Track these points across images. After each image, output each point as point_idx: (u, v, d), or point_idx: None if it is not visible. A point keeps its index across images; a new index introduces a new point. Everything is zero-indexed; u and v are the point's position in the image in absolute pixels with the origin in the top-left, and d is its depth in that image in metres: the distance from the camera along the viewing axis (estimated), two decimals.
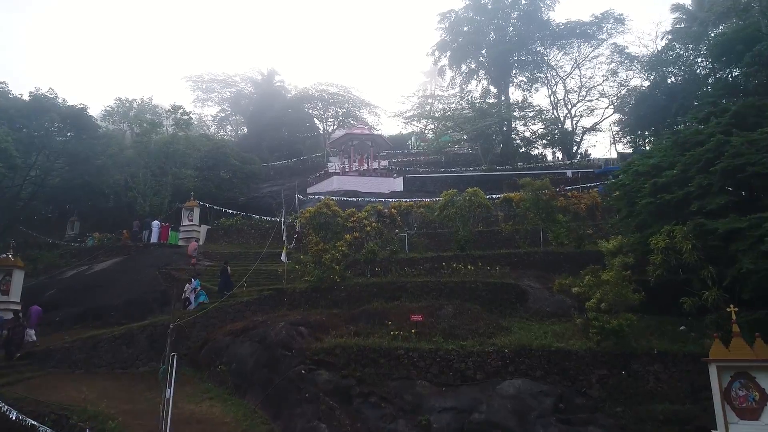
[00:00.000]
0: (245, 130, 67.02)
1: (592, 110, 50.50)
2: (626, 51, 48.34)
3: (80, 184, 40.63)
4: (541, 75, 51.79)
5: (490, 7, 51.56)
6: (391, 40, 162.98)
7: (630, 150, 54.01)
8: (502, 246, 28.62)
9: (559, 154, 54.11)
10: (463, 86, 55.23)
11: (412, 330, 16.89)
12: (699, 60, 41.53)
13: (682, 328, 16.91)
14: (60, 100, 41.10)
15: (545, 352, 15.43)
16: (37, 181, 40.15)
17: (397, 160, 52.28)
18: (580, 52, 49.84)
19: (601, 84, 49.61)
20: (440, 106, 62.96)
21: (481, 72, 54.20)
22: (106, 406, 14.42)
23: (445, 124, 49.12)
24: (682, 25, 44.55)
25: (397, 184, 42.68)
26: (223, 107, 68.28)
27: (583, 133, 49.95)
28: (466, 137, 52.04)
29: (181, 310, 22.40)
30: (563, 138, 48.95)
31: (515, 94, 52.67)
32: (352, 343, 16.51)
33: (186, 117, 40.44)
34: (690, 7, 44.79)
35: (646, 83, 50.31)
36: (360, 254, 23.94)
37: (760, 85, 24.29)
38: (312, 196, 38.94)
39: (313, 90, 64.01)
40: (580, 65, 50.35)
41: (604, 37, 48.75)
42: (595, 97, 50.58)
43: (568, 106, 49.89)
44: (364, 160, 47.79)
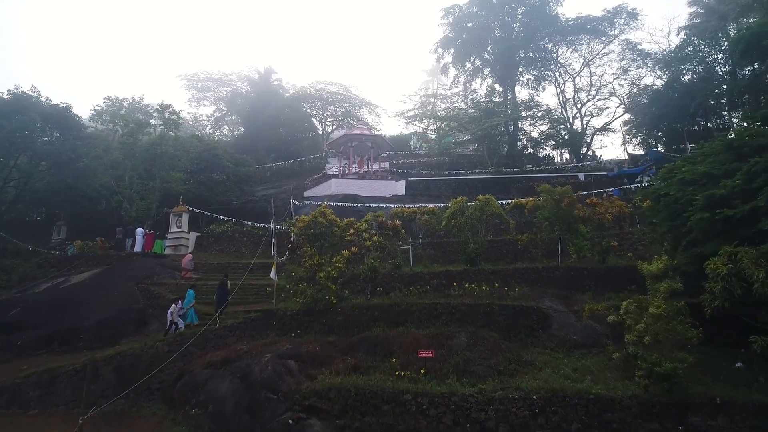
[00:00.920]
0: (242, 130, 64.19)
1: (602, 110, 47.69)
2: (639, 47, 45.44)
3: (63, 187, 37.94)
4: (549, 73, 48.89)
5: (496, 1, 48.65)
6: (392, 38, 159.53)
7: (641, 151, 51.36)
8: (515, 258, 25.90)
9: (567, 156, 51.35)
10: (467, 85, 52.42)
11: (421, 370, 14.08)
12: (719, 56, 38.73)
13: (739, 365, 14.16)
14: (43, 99, 38.55)
15: (582, 400, 12.64)
16: (20, 184, 37.46)
17: (398, 162, 49.43)
18: (591, 49, 47.00)
19: (611, 83, 46.76)
20: (443, 106, 60.20)
21: (486, 70, 51.33)
22: None
23: (449, 124, 46.24)
24: (699, 20, 41.75)
25: (399, 188, 39.88)
26: (219, 107, 65.48)
27: (594, 134, 47.10)
28: (470, 138, 49.23)
29: (165, 335, 19.63)
30: (572, 139, 46.09)
31: (521, 93, 49.84)
32: (349, 384, 13.74)
33: (175, 117, 37.60)
34: (707, 1, 41.93)
35: (659, 81, 47.75)
36: (359, 268, 21.16)
37: None
38: (308, 202, 36.08)
39: (312, 89, 61.21)
40: (590, 63, 47.47)
41: (615, 33, 45.90)
42: (605, 96, 47.73)
43: (578, 105, 47.06)
44: (364, 162, 44.96)
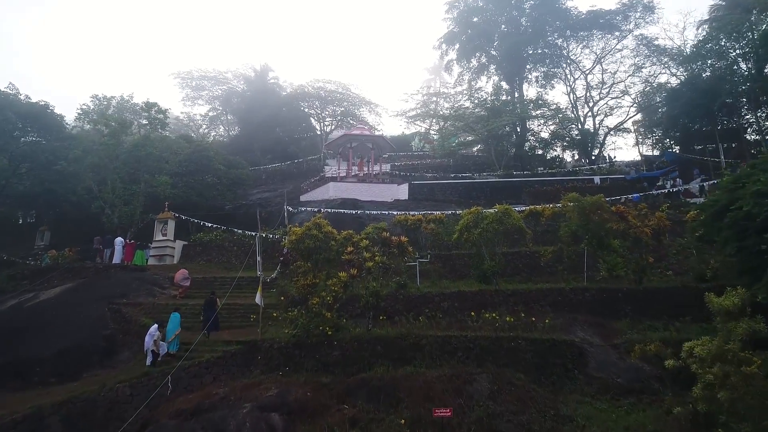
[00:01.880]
0: (238, 130, 61.10)
1: (612, 109, 44.62)
2: (655, 43, 42.36)
3: (43, 191, 34.95)
4: (558, 70, 45.81)
5: None
6: (393, 35, 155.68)
7: (655, 152, 48.32)
8: (532, 273, 22.91)
9: (575, 157, 48.30)
10: (472, 83, 49.31)
11: None
12: (742, 52, 35.67)
13: None
14: (22, 97, 35.51)
15: None
16: None
17: (400, 164, 46.38)
18: (605, 45, 43.86)
19: (624, 80, 43.67)
20: (446, 105, 57.16)
21: (492, 67, 48.25)
22: None
23: (454, 123, 43.14)
24: (721, 13, 38.69)
25: (402, 192, 36.84)
26: (214, 106, 62.30)
27: (606, 134, 44.00)
28: (476, 138, 46.19)
29: (152, 366, 16.43)
30: (584, 139, 43.03)
31: (529, 92, 46.77)
32: None
33: (161, 116, 34.50)
34: None
35: (674, 79, 44.79)
36: (358, 288, 18.12)
37: None
38: (303, 209, 33.00)
39: (310, 87, 58.04)
40: (602, 60, 44.37)
41: (630, 27, 42.79)
42: (617, 95, 44.64)
43: (590, 104, 43.96)
44: (364, 164, 41.92)
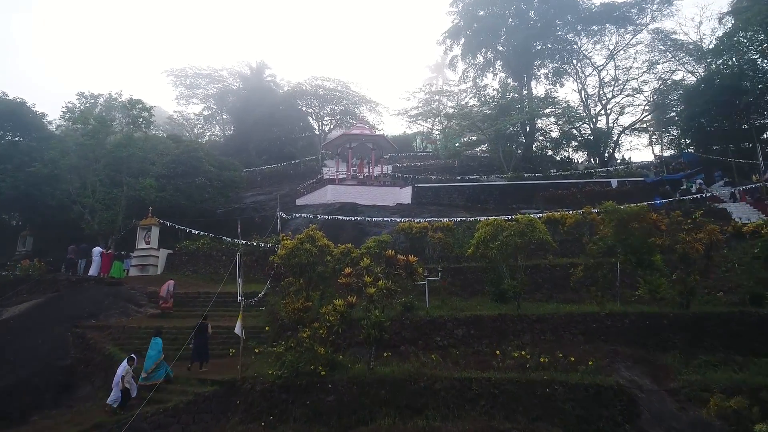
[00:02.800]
0: (233, 130, 58.21)
1: (623, 108, 41.76)
2: (672, 37, 39.51)
3: (19, 195, 32.02)
4: (569, 66, 42.95)
5: None
6: (393, 32, 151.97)
7: (671, 153, 45.48)
8: (555, 288, 20.13)
9: (582, 158, 45.51)
10: (477, 80, 46.54)
11: None
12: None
13: None
14: None
15: None
16: None
17: (402, 165, 43.50)
18: (619, 40, 41.06)
19: (640, 77, 40.82)
20: (450, 104, 54.35)
21: (498, 63, 45.44)
22: None
23: (459, 123, 40.23)
24: (745, 4, 35.87)
25: (405, 195, 33.97)
26: (209, 104, 59.37)
27: (620, 134, 41.15)
28: (479, 138, 43.37)
29: (120, 410, 13.47)
30: (596, 139, 40.16)
31: (538, 89, 43.95)
32: None
33: (146, 114, 31.58)
34: None
35: (689, 76, 42.03)
36: (358, 311, 15.26)
37: None
38: (297, 215, 30.15)
39: (308, 85, 55.24)
40: (615, 55, 41.51)
41: (646, 21, 39.94)
42: (631, 93, 41.82)
43: (602, 102, 41.08)
44: (364, 166, 39.03)
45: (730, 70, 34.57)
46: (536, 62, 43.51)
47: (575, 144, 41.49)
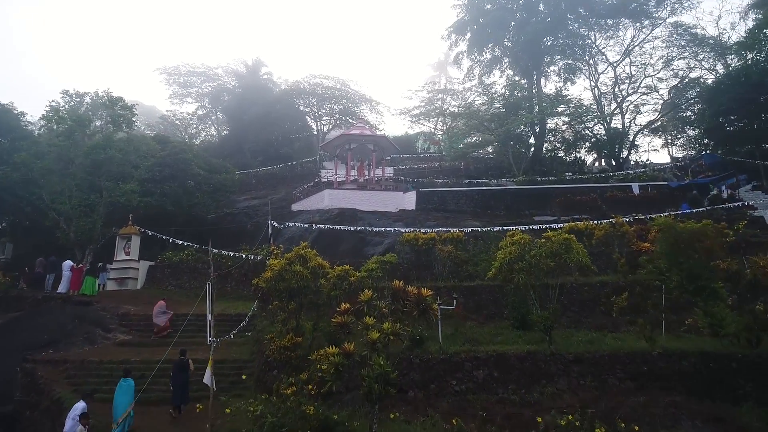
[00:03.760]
0: (228, 131, 55.27)
1: (637, 107, 38.93)
2: (692, 31, 36.60)
3: None
4: (581, 63, 40.03)
5: None
6: (394, 29, 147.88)
7: (688, 153, 42.59)
8: (584, 311, 17.42)
9: (596, 160, 42.61)
10: (483, 77, 43.59)
11: None
12: None
13: None
14: None
15: None
16: None
17: (404, 168, 40.62)
18: (635, 35, 38.16)
19: (657, 74, 37.91)
20: (454, 103, 51.31)
21: (506, 60, 42.53)
22: None
23: (467, 122, 37.23)
24: None
25: (408, 201, 31.09)
26: (203, 104, 56.41)
27: (636, 134, 38.23)
28: (484, 139, 40.48)
29: None
30: (611, 140, 37.24)
31: (548, 87, 41.00)
32: None
33: (127, 113, 28.66)
34: None
35: (707, 74, 39.13)
36: (362, 351, 12.37)
37: None
38: (291, 224, 27.24)
39: (306, 83, 52.26)
40: (631, 51, 38.62)
41: (664, 14, 37.02)
42: (646, 91, 38.97)
43: (618, 100, 38.18)
44: (365, 168, 36.13)
45: (758, 66, 31.62)
46: (546, 58, 40.58)
47: (588, 145, 38.49)
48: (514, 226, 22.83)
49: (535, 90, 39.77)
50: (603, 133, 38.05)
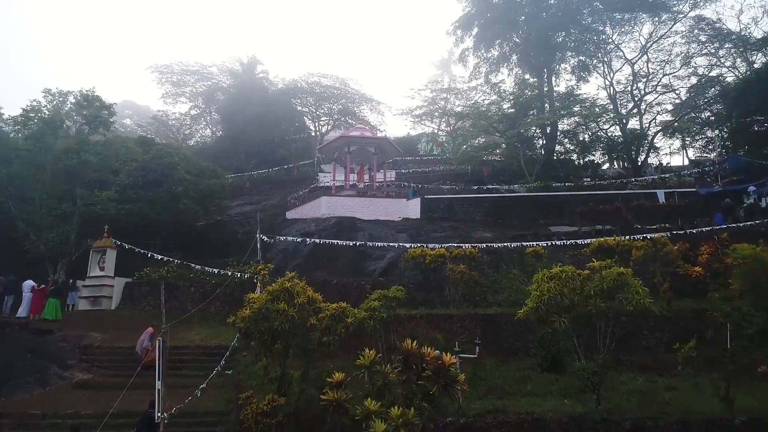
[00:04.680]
0: (222, 132, 52.31)
1: (652, 106, 36.08)
2: (716, 26, 33.71)
3: None
4: (596, 60, 37.11)
5: None
6: (394, 26, 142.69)
7: (708, 155, 39.73)
8: (620, 348, 14.35)
9: (612, 164, 39.72)
10: (490, 76, 40.64)
11: None
12: None
13: None
14: None
15: None
16: None
17: (407, 171, 37.69)
18: (654, 30, 35.28)
19: (677, 71, 35.06)
20: (458, 102, 48.46)
21: (514, 57, 39.58)
22: None
23: (475, 123, 34.21)
24: None
25: (412, 209, 28.21)
26: (197, 103, 53.48)
27: (654, 136, 35.31)
28: (489, 140, 37.60)
29: None
30: (628, 142, 34.33)
31: (559, 86, 38.11)
32: None
33: (105, 113, 25.75)
34: None
35: (726, 71, 36.27)
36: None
37: None
38: (281, 238, 24.31)
39: (303, 82, 49.44)
40: (648, 48, 35.73)
41: (684, 8, 34.10)
42: (664, 90, 36.15)
43: (635, 99, 35.28)
44: (365, 172, 33.23)
45: None
46: (557, 55, 37.65)
47: (604, 147, 35.49)
48: (534, 242, 19.95)
49: (546, 89, 36.87)
50: (619, 134, 35.17)
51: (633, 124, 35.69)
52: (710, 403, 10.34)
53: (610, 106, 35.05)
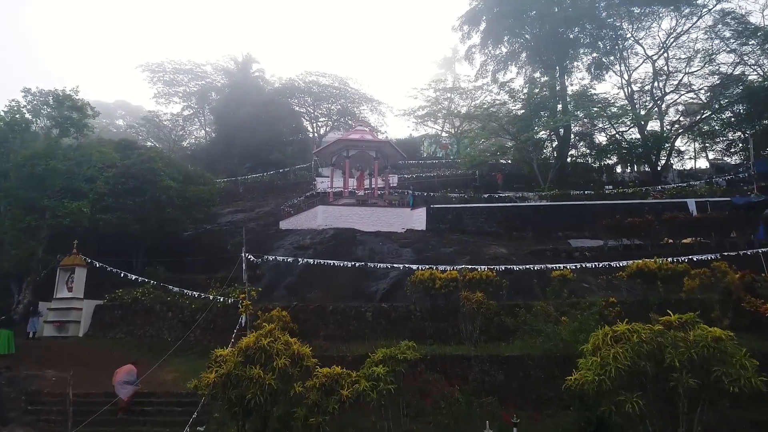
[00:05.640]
0: (215, 133, 49.40)
1: (680, 107, 33.27)
2: (743, 20, 30.88)
3: None
4: (612, 58, 34.25)
5: None
6: (395, 23, 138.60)
7: (730, 159, 36.94)
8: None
9: (629, 168, 36.84)
10: (498, 74, 37.79)
11: None
12: None
13: None
14: None
15: None
16: None
17: (410, 176, 34.80)
18: (674, 25, 32.45)
19: (700, 69, 32.21)
20: (462, 102, 45.63)
21: (523, 55, 36.71)
22: None
23: (486, 125, 31.22)
24: None
25: (417, 219, 25.39)
26: (189, 104, 50.58)
27: (676, 138, 32.46)
28: (501, 143, 34.76)
29: None
30: (647, 145, 31.47)
31: (573, 85, 35.15)
32: None
33: (76, 115, 22.84)
34: None
35: (748, 69, 33.43)
36: None
37: None
38: (270, 258, 21.40)
39: (301, 81, 46.59)
40: (669, 44, 32.92)
41: (711, 1, 31.20)
42: (686, 90, 33.34)
43: (655, 99, 32.44)
44: (365, 178, 30.37)
45: None
46: (571, 52, 34.77)
47: (622, 151, 32.57)
48: (559, 263, 17.11)
49: (558, 88, 33.99)
50: (637, 137, 32.34)
51: (651, 125, 32.87)
52: None
53: (629, 107, 32.19)
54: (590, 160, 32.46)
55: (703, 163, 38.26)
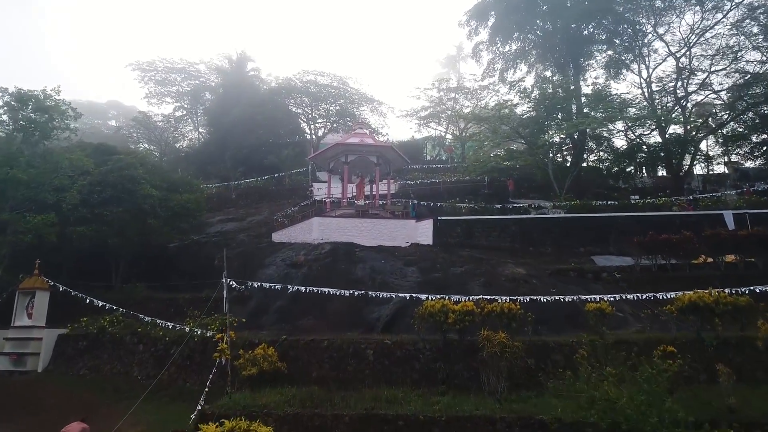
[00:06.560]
0: (208, 135, 46.62)
1: (706, 107, 30.51)
2: None
3: None
4: (630, 55, 31.51)
5: None
6: (395, 21, 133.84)
7: (754, 163, 34.15)
8: None
9: (648, 174, 34.01)
10: (506, 73, 35.06)
11: None
12: None
13: None
14: None
15: None
16: None
17: (413, 182, 32.00)
18: (697, 21, 29.73)
19: (727, 67, 29.51)
20: (467, 103, 42.89)
21: (534, 52, 33.94)
22: None
23: (498, 127, 28.36)
24: None
25: (423, 232, 22.65)
26: (182, 104, 47.83)
27: (701, 141, 29.75)
28: (499, 146, 31.97)
29: None
30: (669, 149, 28.73)
31: (588, 84, 32.33)
32: None
33: (42, 118, 20.12)
34: None
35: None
36: None
37: None
38: (256, 285, 18.61)
39: (298, 81, 43.83)
40: (694, 42, 30.21)
41: None
42: (711, 90, 30.64)
43: (679, 99, 29.69)
44: (365, 185, 27.57)
45: None
46: (586, 49, 32.00)
47: (643, 155, 29.75)
48: (597, 296, 14.41)
49: (573, 88, 31.23)
50: (658, 140, 29.61)
51: (674, 128, 30.08)
52: None
53: (649, 108, 29.45)
54: (608, 165, 29.65)
55: (723, 168, 35.41)
